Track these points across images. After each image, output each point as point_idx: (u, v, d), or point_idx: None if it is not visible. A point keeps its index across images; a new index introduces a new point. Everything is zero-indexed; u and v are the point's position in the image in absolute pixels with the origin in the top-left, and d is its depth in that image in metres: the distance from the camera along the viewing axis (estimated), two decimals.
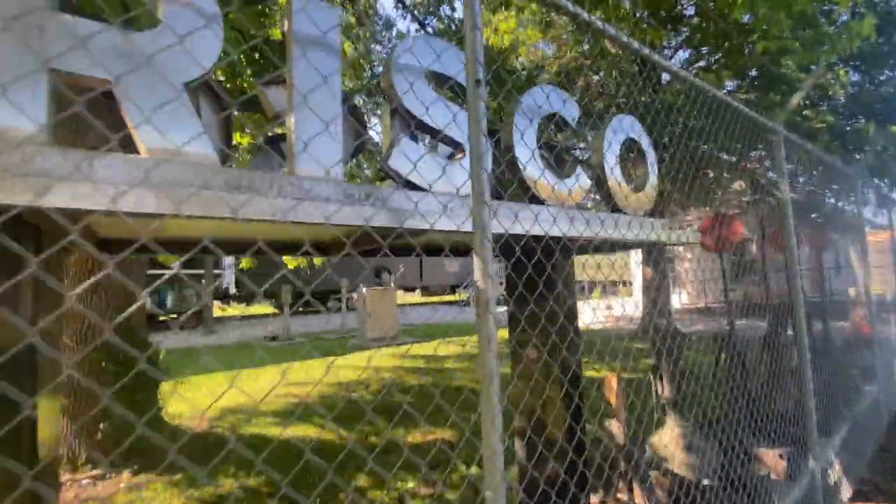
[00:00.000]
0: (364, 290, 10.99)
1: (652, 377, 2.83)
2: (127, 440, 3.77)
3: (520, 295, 1.71)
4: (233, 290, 17.77)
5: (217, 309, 17.67)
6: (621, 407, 2.47)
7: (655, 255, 9.44)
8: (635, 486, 2.46)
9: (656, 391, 2.79)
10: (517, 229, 1.53)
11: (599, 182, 1.96)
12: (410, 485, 3.49)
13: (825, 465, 2.72)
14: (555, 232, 1.66)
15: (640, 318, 10.28)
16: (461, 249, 2.31)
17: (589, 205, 2.65)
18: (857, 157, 7.36)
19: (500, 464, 1.04)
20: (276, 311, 15.30)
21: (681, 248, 14.08)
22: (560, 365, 2.04)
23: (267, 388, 6.42)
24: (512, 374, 2.21)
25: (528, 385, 2.11)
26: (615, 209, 1.98)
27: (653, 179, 2.13)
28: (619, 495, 2.60)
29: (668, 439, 2.71)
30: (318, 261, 9.54)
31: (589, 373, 6.87)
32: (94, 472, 3.66)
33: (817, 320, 7.28)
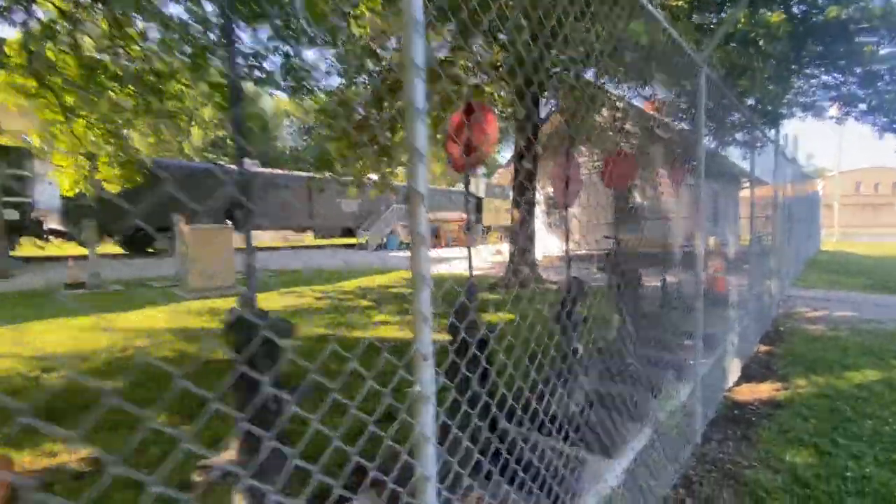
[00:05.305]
0: (184, 227, 8.77)
1: None
2: None
3: None
4: (54, 224, 14.43)
5: (31, 247, 14.25)
6: None
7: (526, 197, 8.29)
8: None
9: None
10: None
11: None
12: None
13: None
14: None
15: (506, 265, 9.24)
16: None
17: None
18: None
19: None
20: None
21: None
22: None
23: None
24: None
25: None
26: None
27: None
28: None
29: None
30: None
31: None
32: None
33: (680, 272, 6.42)
